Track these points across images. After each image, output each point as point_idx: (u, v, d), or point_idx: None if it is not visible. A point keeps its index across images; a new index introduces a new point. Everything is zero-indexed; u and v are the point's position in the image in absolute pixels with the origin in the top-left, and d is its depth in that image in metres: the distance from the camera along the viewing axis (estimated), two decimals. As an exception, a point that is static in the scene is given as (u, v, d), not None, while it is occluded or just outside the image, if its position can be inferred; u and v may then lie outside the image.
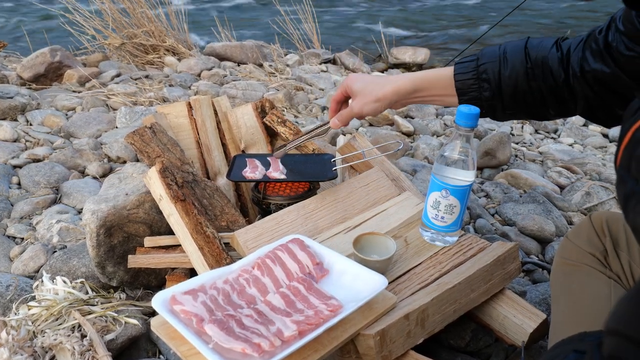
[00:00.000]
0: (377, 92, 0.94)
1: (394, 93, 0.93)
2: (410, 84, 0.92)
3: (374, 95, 0.94)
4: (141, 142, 1.31)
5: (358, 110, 0.98)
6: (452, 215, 1.04)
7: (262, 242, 1.05)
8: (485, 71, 0.85)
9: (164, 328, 0.79)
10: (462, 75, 0.88)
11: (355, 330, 0.82)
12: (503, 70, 0.84)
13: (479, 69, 0.86)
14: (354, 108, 0.98)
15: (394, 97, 0.93)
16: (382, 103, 0.95)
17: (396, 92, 0.93)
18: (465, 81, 0.88)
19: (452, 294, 0.94)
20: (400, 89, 0.92)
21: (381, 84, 0.94)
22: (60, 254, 1.34)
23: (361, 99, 0.96)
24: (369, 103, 0.95)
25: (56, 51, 3.15)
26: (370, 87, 0.95)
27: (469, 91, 0.88)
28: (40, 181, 1.82)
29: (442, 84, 0.90)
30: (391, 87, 0.93)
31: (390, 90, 0.93)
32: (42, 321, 1.05)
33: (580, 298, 0.84)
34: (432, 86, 0.92)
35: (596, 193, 1.80)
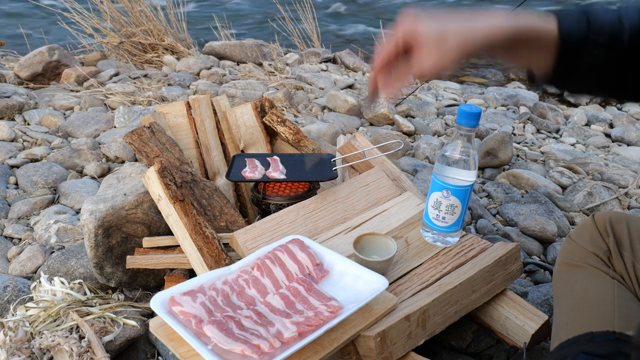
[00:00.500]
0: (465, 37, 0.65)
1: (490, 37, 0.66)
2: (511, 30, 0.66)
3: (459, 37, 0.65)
4: (140, 141, 1.31)
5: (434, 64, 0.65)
6: (454, 216, 1.04)
7: (261, 242, 1.04)
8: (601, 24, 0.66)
9: (162, 329, 0.79)
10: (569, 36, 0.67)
11: (355, 331, 0.82)
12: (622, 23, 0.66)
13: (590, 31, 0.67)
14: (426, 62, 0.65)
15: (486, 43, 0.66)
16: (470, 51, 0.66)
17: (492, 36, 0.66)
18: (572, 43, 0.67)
19: (453, 294, 0.94)
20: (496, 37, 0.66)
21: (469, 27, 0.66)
22: (58, 254, 1.34)
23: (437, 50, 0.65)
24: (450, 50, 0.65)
25: (54, 50, 3.15)
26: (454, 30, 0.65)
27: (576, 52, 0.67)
28: (38, 181, 1.82)
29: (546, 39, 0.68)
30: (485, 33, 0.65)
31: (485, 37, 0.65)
32: (39, 322, 1.05)
33: (583, 299, 0.84)
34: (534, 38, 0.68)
35: (598, 193, 1.80)
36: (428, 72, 0.66)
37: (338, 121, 2.50)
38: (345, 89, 3.18)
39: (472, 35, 0.65)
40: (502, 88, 3.30)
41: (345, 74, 3.70)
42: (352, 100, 2.63)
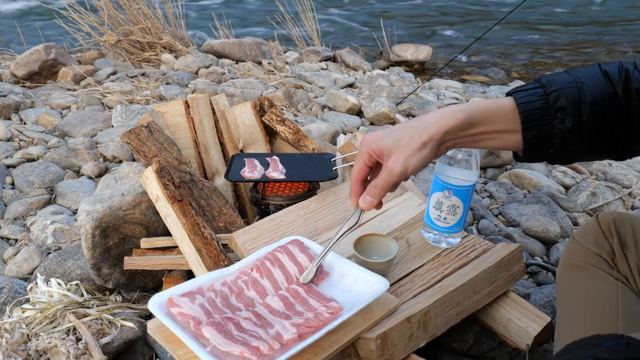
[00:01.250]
0: (421, 136, 0.73)
1: (444, 132, 0.73)
2: (464, 118, 0.73)
3: (417, 141, 0.73)
4: (137, 141, 1.31)
5: (402, 169, 0.73)
6: (455, 216, 1.03)
7: (260, 243, 1.04)
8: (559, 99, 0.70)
9: (160, 331, 0.79)
10: (528, 105, 0.71)
11: (356, 333, 0.82)
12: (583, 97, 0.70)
13: (549, 97, 0.71)
14: (394, 169, 0.73)
15: (442, 138, 0.73)
16: (431, 147, 0.73)
17: (446, 131, 0.73)
18: (533, 112, 0.71)
19: (454, 296, 0.94)
20: (450, 126, 0.73)
21: (422, 125, 0.74)
22: (55, 255, 1.34)
23: (400, 152, 0.73)
24: (413, 154, 0.73)
25: (51, 48, 3.15)
26: (408, 135, 0.73)
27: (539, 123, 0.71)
28: (35, 181, 1.82)
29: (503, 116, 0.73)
30: (438, 126, 0.73)
31: (438, 130, 0.73)
32: (36, 324, 1.05)
33: (587, 300, 0.84)
34: (490, 119, 0.73)
35: (602, 193, 1.80)
36: (398, 173, 0.74)
37: (338, 120, 2.50)
38: (345, 87, 3.18)
39: (425, 132, 0.73)
40: (504, 87, 3.30)
41: (345, 72, 3.70)
42: (353, 99, 2.63)
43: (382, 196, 0.77)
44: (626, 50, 4.78)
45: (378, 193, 0.77)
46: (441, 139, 0.73)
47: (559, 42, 5.10)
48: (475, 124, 0.73)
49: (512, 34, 5.36)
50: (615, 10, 6.43)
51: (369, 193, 0.77)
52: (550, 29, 5.63)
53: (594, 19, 6.03)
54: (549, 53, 4.73)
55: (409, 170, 0.73)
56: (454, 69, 4.19)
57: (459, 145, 0.77)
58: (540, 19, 5.99)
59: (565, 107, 0.70)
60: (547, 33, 5.46)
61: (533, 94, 0.72)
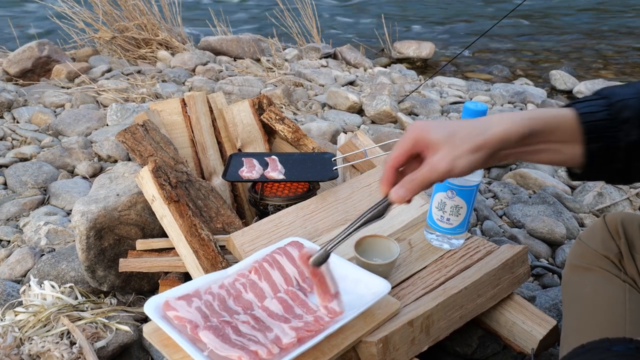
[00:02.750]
0: (476, 138, 0.68)
1: (502, 139, 0.68)
2: (525, 125, 0.68)
3: (471, 142, 0.68)
4: (133, 140, 1.31)
5: (447, 168, 0.68)
6: (458, 217, 1.04)
7: (259, 245, 1.04)
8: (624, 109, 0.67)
9: (156, 335, 0.79)
10: (591, 115, 0.68)
11: (356, 337, 0.82)
12: None
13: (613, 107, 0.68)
14: (439, 166, 0.68)
15: (499, 145, 0.68)
16: (484, 152, 0.68)
17: (505, 138, 0.68)
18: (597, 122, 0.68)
19: (458, 299, 0.94)
20: (510, 133, 0.68)
21: (482, 127, 0.69)
22: (49, 257, 1.34)
23: (450, 150, 0.68)
24: (463, 155, 0.68)
25: (44, 45, 3.15)
26: (465, 133, 0.69)
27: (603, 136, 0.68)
28: (28, 181, 1.82)
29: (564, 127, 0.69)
30: (498, 131, 0.68)
31: (497, 135, 0.68)
32: (29, 327, 1.05)
33: (594, 303, 0.84)
34: (551, 129, 0.69)
35: (609, 194, 1.80)
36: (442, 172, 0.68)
37: (339, 119, 2.50)
38: (346, 85, 3.18)
39: (482, 135, 0.67)
40: (508, 84, 3.30)
41: (346, 70, 3.70)
42: (354, 97, 2.63)
43: (416, 192, 0.71)
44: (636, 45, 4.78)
45: (413, 188, 0.70)
46: (498, 146, 0.68)
47: (566, 38, 5.10)
48: (536, 134, 0.69)
49: (517, 30, 5.36)
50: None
51: (404, 186, 0.71)
52: (558, 24, 5.63)
53: (600, 10, 6.03)
54: (555, 49, 4.73)
55: (456, 170, 0.68)
56: (457, 67, 4.19)
57: (514, 156, 0.71)
58: (547, 14, 5.99)
59: (631, 118, 0.67)
60: (553, 29, 5.46)
61: (596, 105, 0.68)
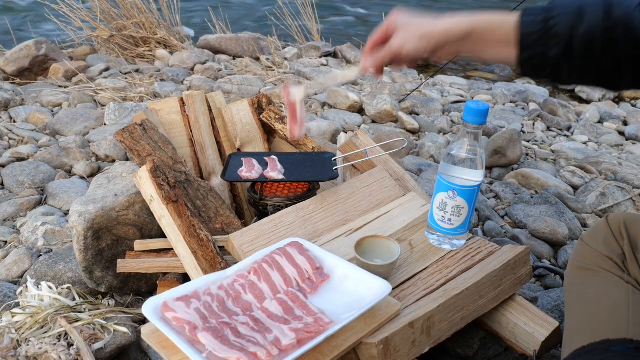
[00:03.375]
0: (425, 27, 0.84)
1: (445, 31, 0.82)
2: (466, 25, 0.82)
3: (420, 30, 0.84)
4: (131, 140, 1.31)
5: (398, 46, 0.86)
6: (460, 217, 1.04)
7: (258, 245, 1.04)
8: (556, 25, 0.75)
9: (155, 336, 0.79)
10: (528, 27, 0.77)
11: (357, 338, 0.82)
12: (577, 26, 0.74)
13: (548, 22, 0.76)
14: (393, 44, 0.86)
15: (442, 38, 0.83)
16: (428, 41, 0.83)
17: (447, 31, 0.82)
18: (530, 35, 0.77)
19: (459, 300, 0.94)
20: (452, 28, 0.82)
21: (430, 20, 0.85)
22: (46, 258, 1.34)
23: (404, 33, 0.86)
24: (412, 39, 0.84)
25: (41, 44, 3.15)
26: (418, 22, 0.85)
27: (533, 46, 0.78)
28: (25, 181, 1.82)
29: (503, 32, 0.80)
30: (442, 25, 0.83)
31: (441, 29, 0.82)
32: (26, 329, 1.05)
33: (596, 304, 0.84)
34: (491, 31, 0.80)
35: (612, 194, 1.80)
36: (394, 49, 0.87)
37: (339, 118, 2.50)
38: (346, 84, 3.18)
39: (430, 26, 0.84)
40: (510, 83, 3.30)
41: (346, 68, 3.70)
42: (354, 96, 2.63)
43: (378, 65, 0.91)
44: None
45: (375, 61, 0.91)
46: (441, 38, 0.83)
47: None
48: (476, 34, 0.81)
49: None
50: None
51: (369, 59, 0.91)
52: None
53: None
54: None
55: (403, 50, 0.85)
56: (459, 66, 4.19)
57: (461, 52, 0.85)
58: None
59: (559, 34, 0.75)
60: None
61: (536, 16, 0.77)
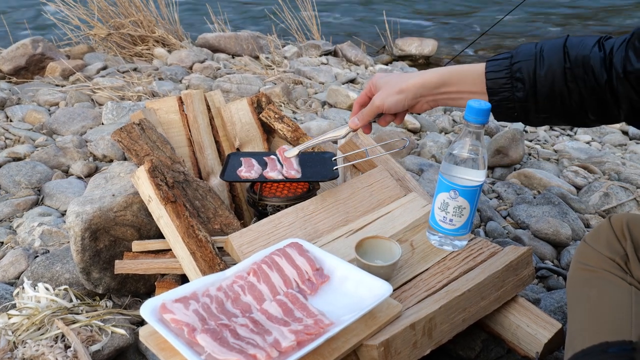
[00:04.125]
0: (402, 83, 0.95)
1: (420, 85, 0.93)
2: (438, 76, 0.93)
3: (397, 86, 0.95)
4: (129, 139, 1.31)
5: (379, 103, 0.97)
6: (462, 218, 1.04)
7: (258, 246, 1.04)
8: (520, 70, 0.84)
9: (153, 338, 0.79)
10: (494, 74, 0.87)
11: (357, 340, 0.82)
12: (539, 69, 0.82)
13: (512, 67, 0.85)
14: (375, 101, 0.98)
15: (419, 90, 0.94)
16: (406, 95, 0.95)
17: (422, 85, 0.93)
18: (497, 80, 0.87)
19: (461, 301, 0.94)
20: (426, 81, 0.93)
21: (407, 76, 0.96)
22: (43, 259, 1.34)
23: (384, 91, 0.98)
24: (391, 94, 0.96)
25: (38, 42, 3.15)
26: (395, 80, 0.97)
27: (500, 91, 0.87)
28: (21, 181, 1.82)
29: (472, 80, 0.90)
30: (416, 79, 0.94)
31: (415, 82, 0.94)
32: (23, 331, 1.05)
33: (599, 306, 0.84)
34: (461, 81, 0.91)
35: (615, 194, 1.80)
36: (376, 106, 0.99)
37: (339, 117, 2.50)
38: (346, 83, 3.18)
39: (405, 81, 0.95)
40: (513, 82, 3.30)
41: (346, 67, 3.70)
42: (355, 95, 2.63)
43: (365, 122, 1.04)
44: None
45: (362, 118, 1.03)
46: (417, 90, 0.94)
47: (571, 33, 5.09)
48: (449, 84, 0.92)
49: (521, 26, 5.36)
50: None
51: (357, 117, 1.05)
52: (563, 20, 5.63)
53: (607, 8, 6.03)
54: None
55: (385, 106, 0.97)
56: (461, 64, 4.19)
57: (438, 102, 0.96)
58: (550, 10, 5.99)
59: (522, 78, 0.83)
60: (559, 25, 5.46)
61: (500, 64, 0.86)
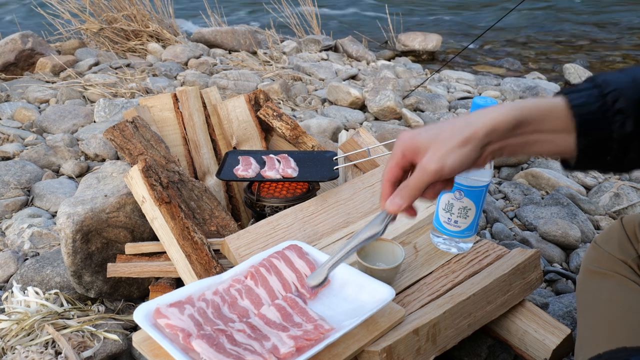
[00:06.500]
0: (463, 132, 0.70)
1: (490, 129, 0.70)
2: (513, 115, 0.70)
3: (458, 137, 0.70)
4: (122, 138, 1.31)
5: (437, 166, 0.70)
6: (467, 219, 1.04)
7: (255, 248, 1.04)
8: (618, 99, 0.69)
9: (147, 344, 0.79)
10: (583, 107, 0.69)
11: (359, 346, 0.82)
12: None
13: (606, 98, 0.69)
14: (428, 166, 0.71)
15: (488, 136, 0.71)
16: (473, 145, 0.70)
17: (493, 128, 0.70)
18: (589, 114, 0.69)
19: (466, 306, 0.94)
20: (498, 123, 0.70)
21: (465, 122, 0.72)
22: (32, 262, 1.34)
23: (437, 149, 0.71)
24: (452, 150, 0.70)
25: (28, 37, 3.15)
26: (449, 130, 0.71)
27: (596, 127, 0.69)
28: (10, 181, 1.82)
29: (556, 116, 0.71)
30: (484, 122, 0.70)
31: (484, 126, 0.70)
32: (12, 336, 1.05)
33: (610, 310, 0.84)
34: (542, 119, 0.71)
35: (626, 194, 1.80)
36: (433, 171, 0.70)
37: (340, 115, 2.50)
38: (347, 79, 3.18)
39: (469, 127, 0.70)
40: (520, 79, 3.30)
41: (347, 63, 3.70)
42: (356, 92, 2.63)
43: (412, 199, 0.73)
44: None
45: (408, 194, 0.73)
46: (486, 137, 0.70)
47: (581, 30, 5.10)
48: (526, 123, 0.70)
49: (529, 21, 5.36)
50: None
51: (397, 194, 0.73)
52: (572, 15, 5.63)
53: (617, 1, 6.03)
54: (569, 42, 4.73)
55: (446, 168, 0.69)
56: (466, 60, 4.19)
57: (507, 149, 0.73)
58: (559, 7, 5.99)
59: (624, 109, 0.68)
60: (568, 19, 5.46)
61: (588, 95, 0.69)
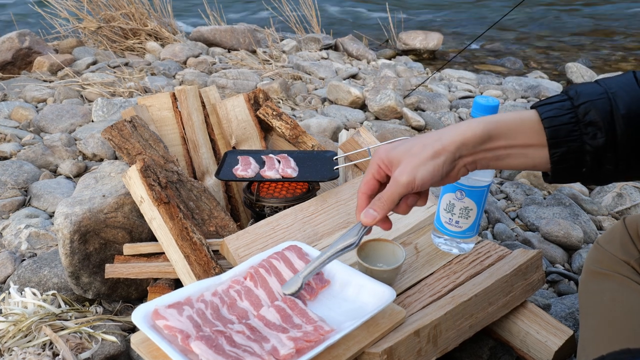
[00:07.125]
0: (434, 145, 0.73)
1: (460, 143, 0.72)
2: (482, 129, 0.72)
3: (428, 150, 0.73)
4: (120, 137, 1.31)
5: (408, 179, 0.73)
6: (468, 220, 1.04)
7: (255, 249, 1.04)
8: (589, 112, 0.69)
9: (145, 346, 0.79)
10: (554, 120, 0.70)
11: (359, 348, 0.82)
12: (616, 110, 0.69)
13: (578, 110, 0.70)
14: (400, 178, 0.73)
15: (458, 150, 0.73)
16: (444, 158, 0.73)
17: (462, 142, 0.72)
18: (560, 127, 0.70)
19: (467, 307, 0.94)
20: (467, 138, 0.72)
21: (436, 135, 0.74)
22: (30, 262, 1.34)
23: (408, 162, 0.74)
24: (423, 163, 0.73)
25: (25, 36, 3.15)
26: (421, 144, 0.74)
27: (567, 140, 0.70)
28: (7, 181, 1.82)
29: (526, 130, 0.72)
30: (453, 136, 0.73)
31: (454, 139, 0.73)
32: (9, 338, 1.05)
33: (613, 311, 0.84)
34: (512, 132, 0.72)
35: (629, 194, 1.80)
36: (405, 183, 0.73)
37: (340, 115, 2.50)
38: (348, 79, 3.18)
39: (439, 141, 0.73)
40: (522, 78, 3.30)
41: (348, 62, 3.70)
42: (356, 91, 2.63)
43: (386, 210, 0.76)
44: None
45: (382, 206, 0.76)
46: (457, 151, 0.73)
47: (584, 28, 5.09)
48: (496, 137, 0.72)
49: (531, 20, 5.35)
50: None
51: (372, 206, 0.77)
52: (574, 13, 5.63)
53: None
54: (571, 41, 4.73)
55: (417, 180, 0.72)
56: (467, 58, 4.19)
57: (480, 163, 0.75)
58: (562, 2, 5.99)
59: (596, 121, 0.69)
60: (570, 17, 5.46)
61: (560, 107, 0.70)
